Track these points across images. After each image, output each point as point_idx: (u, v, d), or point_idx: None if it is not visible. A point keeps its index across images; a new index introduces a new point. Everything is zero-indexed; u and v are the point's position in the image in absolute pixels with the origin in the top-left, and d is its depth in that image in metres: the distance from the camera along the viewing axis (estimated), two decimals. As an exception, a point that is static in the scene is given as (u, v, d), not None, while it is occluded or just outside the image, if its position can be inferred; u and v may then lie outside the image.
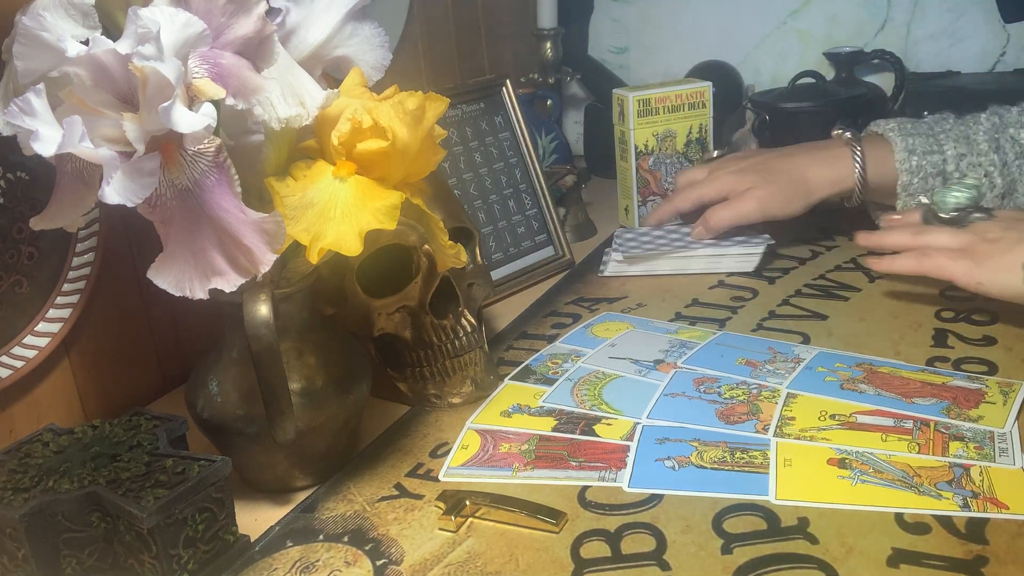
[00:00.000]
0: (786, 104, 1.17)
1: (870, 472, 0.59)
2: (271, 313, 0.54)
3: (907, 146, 0.90)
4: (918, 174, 0.89)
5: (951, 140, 0.89)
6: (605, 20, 1.47)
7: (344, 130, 0.56)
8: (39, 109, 0.46)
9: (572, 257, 1.04)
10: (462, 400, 0.73)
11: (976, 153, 0.88)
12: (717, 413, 0.68)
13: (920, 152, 0.89)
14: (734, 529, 0.55)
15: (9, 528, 0.52)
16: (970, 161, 0.88)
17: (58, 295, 0.71)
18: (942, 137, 0.90)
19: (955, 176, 0.88)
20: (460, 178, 0.98)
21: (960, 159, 0.88)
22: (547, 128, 1.28)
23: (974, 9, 1.23)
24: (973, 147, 0.88)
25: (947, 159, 0.88)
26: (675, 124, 1.09)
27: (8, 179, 0.67)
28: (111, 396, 0.78)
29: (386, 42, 0.62)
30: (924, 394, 0.67)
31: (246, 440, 0.61)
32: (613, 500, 0.59)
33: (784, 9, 1.34)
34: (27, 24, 0.47)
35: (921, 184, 0.89)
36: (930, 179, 0.89)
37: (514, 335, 0.86)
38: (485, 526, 0.58)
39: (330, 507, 0.62)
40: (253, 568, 0.56)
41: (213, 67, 0.48)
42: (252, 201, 0.52)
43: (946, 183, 0.88)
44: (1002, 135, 0.88)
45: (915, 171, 0.89)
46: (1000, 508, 0.54)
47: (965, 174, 0.87)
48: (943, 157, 0.88)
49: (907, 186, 0.89)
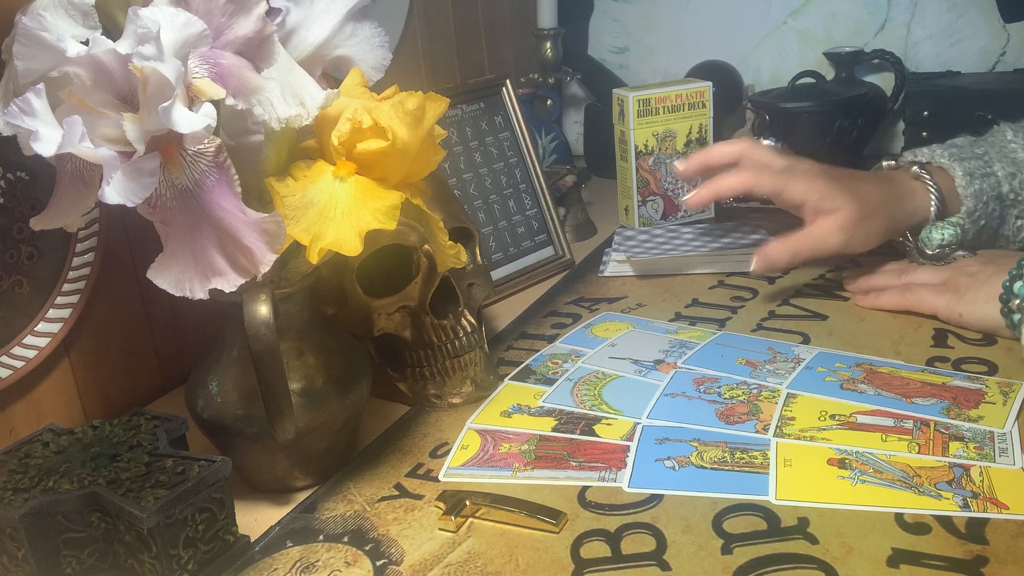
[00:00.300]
0: (786, 104, 1.17)
1: (870, 472, 0.59)
2: (271, 313, 0.54)
3: (966, 171, 0.84)
4: (981, 199, 0.84)
5: (996, 161, 0.85)
6: (605, 20, 1.47)
7: (344, 130, 0.56)
8: (39, 109, 0.46)
9: (572, 257, 1.04)
10: (462, 400, 0.73)
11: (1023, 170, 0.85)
12: (717, 413, 0.68)
13: (978, 175, 0.84)
14: (734, 529, 0.55)
15: (9, 528, 0.52)
16: (1021, 180, 0.84)
17: (58, 295, 0.71)
18: (988, 158, 0.86)
19: (1010, 198, 0.85)
20: (460, 178, 0.98)
21: (1012, 179, 0.85)
22: (547, 128, 1.28)
23: (974, 9, 1.23)
24: (1018, 165, 0.85)
25: (1000, 180, 0.84)
26: (675, 124, 1.09)
27: (8, 179, 0.67)
28: (111, 396, 0.78)
29: (386, 42, 0.62)
30: (924, 394, 0.67)
31: (246, 440, 0.61)
32: (613, 500, 0.59)
33: (784, 9, 1.34)
34: (27, 24, 0.47)
35: (983, 209, 0.83)
36: (991, 203, 0.84)
37: (514, 335, 0.86)
38: (485, 526, 0.58)
39: (330, 507, 0.62)
40: (253, 568, 0.56)
41: (213, 67, 0.48)
42: (252, 201, 0.53)
43: (1002, 205, 0.84)
44: None
45: (978, 196, 0.84)
46: (1000, 508, 0.54)
47: (1019, 194, 0.84)
48: (997, 179, 0.85)
49: (972, 212, 0.83)
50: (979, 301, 0.76)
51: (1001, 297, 0.71)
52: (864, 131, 1.20)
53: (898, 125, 1.28)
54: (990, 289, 0.74)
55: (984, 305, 0.75)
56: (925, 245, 0.85)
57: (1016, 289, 0.69)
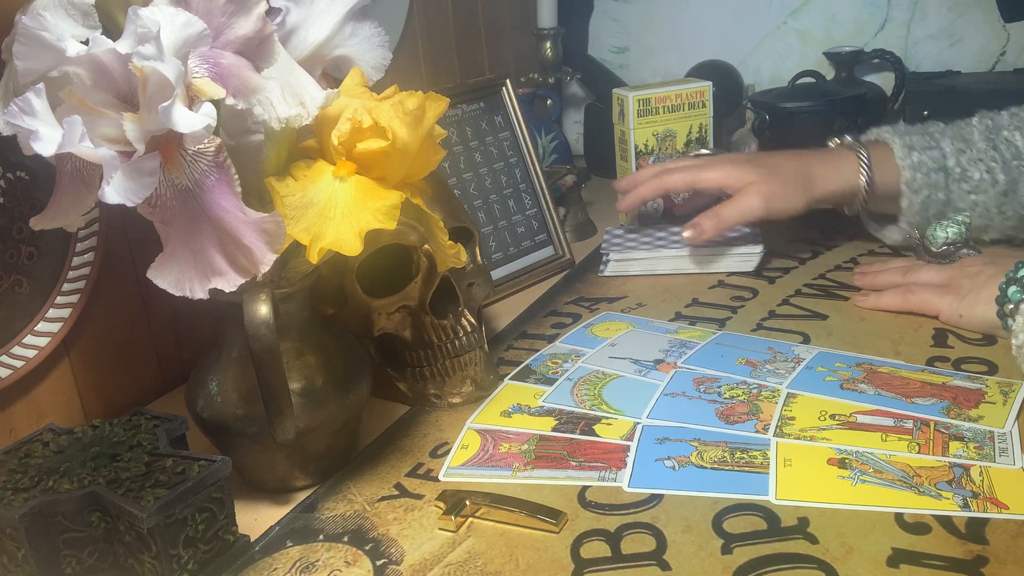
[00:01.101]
0: (786, 104, 1.17)
1: (870, 472, 0.59)
2: (271, 313, 0.54)
3: (905, 143, 0.90)
4: (920, 169, 0.89)
5: (947, 137, 0.90)
6: (605, 20, 1.47)
7: (344, 130, 0.56)
8: (39, 109, 0.46)
9: (572, 257, 1.04)
10: (462, 400, 0.73)
11: (975, 150, 0.89)
12: (717, 413, 0.68)
13: (919, 148, 0.89)
14: (734, 529, 0.55)
15: (9, 528, 0.52)
16: (970, 156, 0.88)
17: (58, 295, 0.71)
18: (937, 136, 0.91)
19: (956, 172, 0.88)
20: (460, 178, 0.98)
21: (960, 154, 0.88)
22: (547, 128, 1.28)
23: (974, 9, 1.23)
24: (971, 144, 0.89)
25: (946, 154, 0.89)
26: (675, 124, 1.09)
27: (8, 179, 0.67)
28: (111, 396, 0.78)
29: (386, 42, 0.62)
30: (924, 394, 0.67)
31: (246, 440, 0.61)
32: (613, 500, 0.59)
33: (784, 9, 1.34)
34: (27, 24, 0.47)
35: (924, 180, 0.88)
36: (933, 175, 0.88)
37: (514, 335, 0.86)
38: (485, 526, 0.58)
39: (330, 507, 0.62)
40: (253, 568, 0.56)
41: (213, 67, 0.48)
42: (252, 201, 0.52)
43: (948, 179, 0.88)
44: (996, 136, 0.89)
45: (917, 167, 0.89)
46: (1000, 508, 0.54)
47: (967, 169, 0.88)
48: (942, 152, 0.89)
49: (911, 182, 0.89)
50: (979, 303, 0.76)
51: (997, 300, 0.71)
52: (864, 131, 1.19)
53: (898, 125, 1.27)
54: (989, 291, 0.74)
55: (983, 307, 0.75)
56: (930, 243, 0.85)
57: (1010, 294, 0.69)
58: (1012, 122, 0.90)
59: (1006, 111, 0.91)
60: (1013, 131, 0.89)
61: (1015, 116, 0.90)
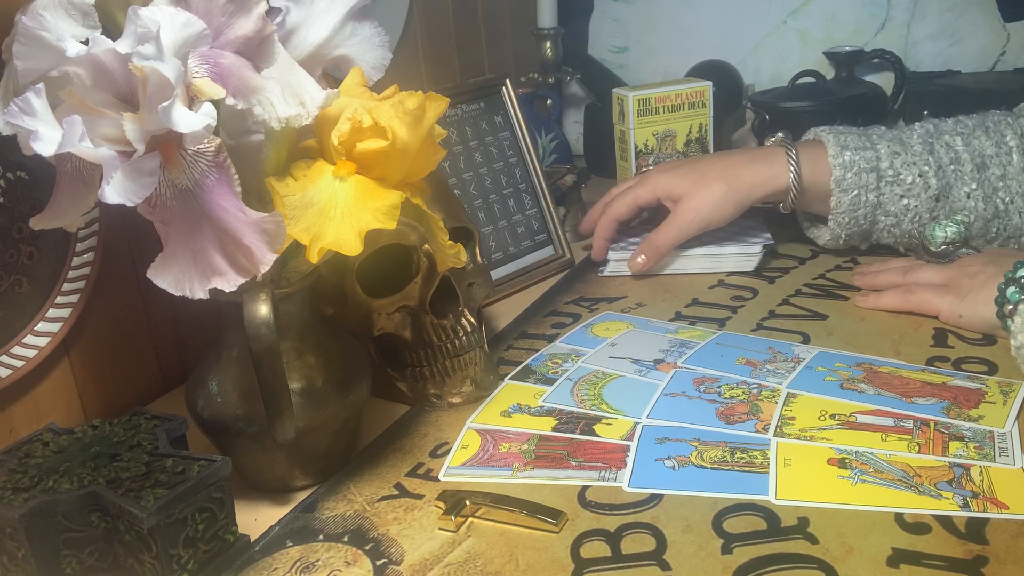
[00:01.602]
0: (786, 103, 1.17)
1: (870, 472, 0.59)
2: (271, 313, 0.54)
3: (839, 142, 0.90)
4: (851, 169, 0.89)
5: (884, 140, 0.90)
6: (605, 20, 1.47)
7: (344, 130, 0.56)
8: (39, 109, 0.46)
9: (572, 257, 1.04)
10: (462, 400, 0.73)
11: (911, 153, 0.89)
12: (717, 413, 0.68)
13: (852, 148, 0.89)
14: (734, 529, 0.55)
15: (9, 528, 0.52)
16: (904, 160, 0.88)
17: (58, 295, 0.71)
18: (875, 138, 0.91)
19: (889, 174, 0.89)
20: (460, 178, 0.98)
21: (894, 156, 0.89)
22: (547, 128, 1.28)
23: (974, 9, 1.23)
24: (907, 148, 0.89)
25: (880, 156, 0.89)
26: (675, 124, 1.09)
27: (8, 179, 0.67)
28: (111, 396, 0.78)
29: (386, 42, 0.62)
30: (924, 394, 0.67)
31: (246, 440, 0.61)
32: (613, 500, 0.59)
33: (784, 9, 1.34)
34: (27, 24, 0.47)
35: (855, 180, 0.89)
36: (864, 175, 0.89)
37: (514, 335, 0.86)
38: (485, 526, 0.58)
39: (330, 507, 0.62)
40: (253, 568, 0.56)
41: (213, 67, 0.48)
42: (252, 201, 0.52)
43: (880, 181, 0.89)
44: (936, 140, 0.89)
45: (848, 166, 0.89)
46: (1000, 508, 0.54)
47: (900, 172, 0.88)
48: (876, 154, 0.89)
49: (840, 181, 0.89)
50: (979, 303, 0.76)
51: (996, 300, 0.71)
52: (864, 130, 1.19)
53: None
54: (989, 292, 0.74)
55: (983, 307, 0.75)
56: (929, 243, 0.85)
57: (1010, 294, 0.69)
58: (956, 128, 0.90)
59: (952, 118, 0.92)
60: (955, 136, 0.89)
61: (959, 123, 0.91)
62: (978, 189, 0.87)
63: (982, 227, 0.88)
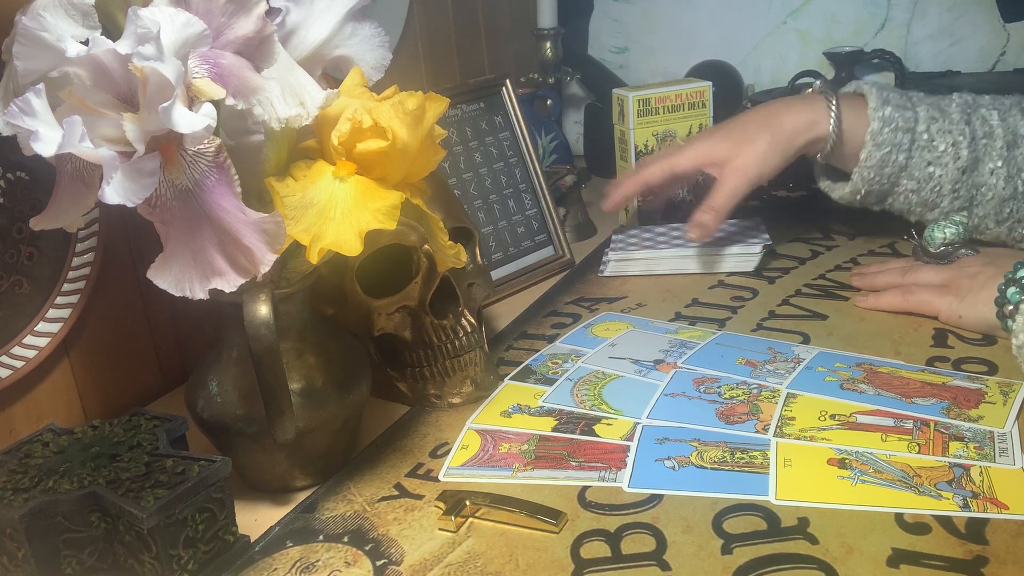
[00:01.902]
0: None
1: (870, 472, 0.59)
2: (271, 313, 0.54)
3: (881, 97, 0.88)
4: (889, 124, 0.87)
5: (924, 104, 0.89)
6: (605, 20, 1.47)
7: (344, 130, 0.56)
8: (39, 109, 0.46)
9: (572, 257, 1.04)
10: (462, 400, 0.73)
11: (948, 121, 0.87)
12: (717, 413, 0.68)
13: (894, 104, 0.88)
14: (734, 529, 0.55)
15: (9, 528, 0.52)
16: (940, 127, 0.87)
17: (58, 295, 0.71)
18: (915, 99, 0.89)
19: (923, 138, 0.87)
20: (460, 178, 0.98)
21: (932, 122, 0.87)
22: (547, 128, 1.28)
23: (974, 9, 1.23)
24: (945, 115, 0.88)
25: (919, 118, 0.87)
26: (675, 124, 1.09)
27: (8, 179, 0.67)
28: (111, 396, 0.78)
29: (386, 42, 0.62)
30: (924, 394, 0.67)
31: (246, 440, 0.61)
32: (613, 500, 0.59)
33: (784, 9, 1.34)
34: (27, 24, 0.47)
35: (890, 136, 0.87)
36: (899, 134, 0.87)
37: (514, 335, 0.86)
38: (485, 526, 0.58)
39: (330, 507, 0.62)
40: (253, 568, 0.56)
41: (213, 67, 0.48)
42: (252, 201, 0.52)
43: (913, 144, 0.87)
44: (974, 112, 0.88)
45: (887, 121, 0.87)
46: (1000, 508, 0.54)
47: (934, 138, 0.87)
48: (915, 115, 0.87)
49: (876, 135, 0.87)
50: (978, 304, 0.76)
51: (996, 301, 0.71)
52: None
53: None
54: (989, 292, 0.74)
55: (983, 308, 0.75)
56: (928, 243, 0.85)
57: (1010, 295, 0.69)
58: (992, 103, 0.89)
59: (989, 96, 0.90)
60: (991, 110, 0.87)
61: (996, 99, 0.89)
62: (1003, 167, 0.86)
63: (996, 207, 0.86)
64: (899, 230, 0.98)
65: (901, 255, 0.96)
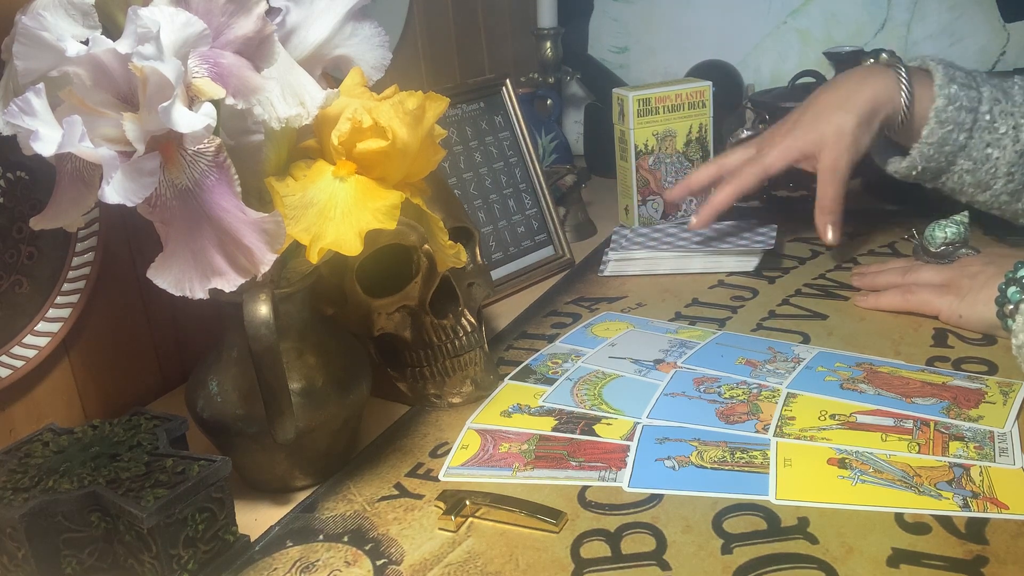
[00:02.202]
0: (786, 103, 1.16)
1: (870, 472, 0.59)
2: (271, 313, 0.54)
3: (948, 74, 0.88)
4: (954, 103, 0.86)
5: (988, 85, 0.88)
6: (605, 20, 1.47)
7: (344, 130, 0.56)
8: (39, 109, 0.46)
9: (572, 257, 1.04)
10: (462, 400, 0.73)
11: (1011, 103, 0.87)
12: (717, 413, 0.68)
13: (959, 83, 0.87)
14: (734, 529, 0.55)
15: (9, 528, 0.52)
16: (1003, 108, 0.87)
17: (58, 295, 0.71)
18: (979, 80, 0.88)
19: (985, 119, 0.86)
20: (460, 178, 0.98)
21: (995, 103, 0.87)
22: (547, 128, 1.28)
23: (974, 9, 1.23)
24: (1009, 97, 0.87)
25: (983, 99, 0.87)
26: (675, 124, 1.09)
27: (8, 179, 0.67)
28: (111, 396, 0.78)
29: (386, 42, 0.62)
30: (924, 394, 0.67)
31: (246, 440, 0.61)
32: (613, 500, 0.59)
33: (784, 9, 1.34)
34: (27, 24, 0.47)
35: (954, 115, 0.86)
36: (963, 112, 0.86)
37: (514, 335, 0.86)
38: (485, 526, 0.58)
39: (330, 507, 0.62)
40: (253, 568, 0.56)
41: (213, 67, 0.48)
42: (252, 201, 0.52)
43: (975, 124, 0.87)
44: None
45: (952, 99, 0.86)
46: (1000, 508, 0.54)
47: (995, 120, 0.86)
48: (979, 95, 0.87)
49: (940, 112, 0.86)
50: (978, 303, 0.76)
51: (997, 300, 0.71)
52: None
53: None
54: (989, 292, 0.74)
55: (983, 308, 0.75)
56: (929, 243, 0.85)
57: (1010, 294, 0.69)
58: None
59: None
60: None
61: None
62: None
63: None
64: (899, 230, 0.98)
65: (901, 255, 0.96)
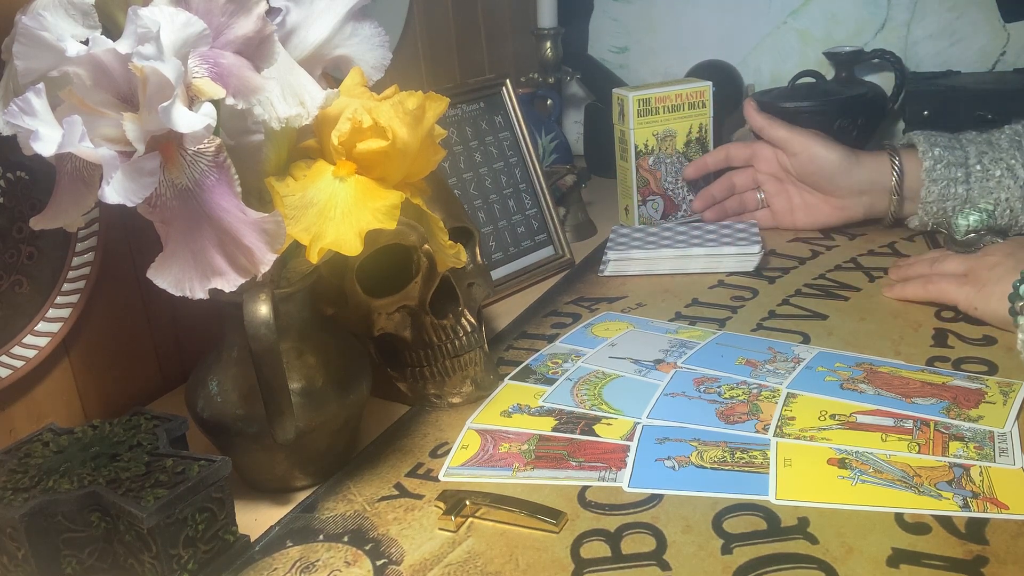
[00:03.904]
0: (786, 104, 1.17)
1: (870, 472, 0.59)
2: (271, 313, 0.54)
3: (930, 140, 0.96)
4: (940, 161, 0.94)
5: (973, 144, 0.95)
6: (605, 20, 1.47)
7: (344, 130, 0.56)
8: (39, 109, 0.46)
9: (572, 257, 1.04)
10: (462, 400, 0.73)
11: (998, 151, 0.92)
12: (717, 413, 0.68)
13: (942, 145, 0.95)
14: (734, 529, 0.55)
15: (9, 528, 0.52)
16: (992, 157, 0.92)
17: (58, 295, 0.71)
18: (965, 141, 0.95)
19: (977, 169, 0.92)
20: (460, 178, 0.98)
21: (982, 155, 0.93)
22: (547, 128, 1.28)
23: (974, 9, 1.23)
24: (995, 147, 0.93)
25: (969, 155, 0.93)
26: (675, 124, 1.09)
27: (8, 179, 0.67)
28: (111, 396, 0.78)
29: (386, 42, 0.62)
30: (924, 394, 0.67)
31: (246, 440, 0.61)
32: (613, 500, 0.59)
33: (784, 9, 1.34)
34: (27, 24, 0.47)
35: (944, 172, 0.94)
36: (953, 168, 0.93)
37: (514, 335, 0.86)
38: (485, 526, 0.58)
39: (330, 507, 0.62)
40: (253, 568, 0.56)
41: (213, 67, 0.48)
42: (252, 201, 0.52)
43: (969, 176, 0.92)
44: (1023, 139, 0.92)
45: (938, 159, 0.94)
46: (1000, 508, 0.54)
47: (988, 168, 0.92)
48: (965, 153, 0.93)
49: (930, 171, 0.94)
50: (993, 296, 0.76)
51: (1010, 296, 0.71)
52: (864, 131, 1.20)
53: (898, 125, 1.28)
54: (1004, 286, 0.74)
55: (997, 302, 0.75)
56: (955, 231, 0.87)
57: (1023, 292, 0.70)
58: None
59: None
60: None
61: None
62: None
63: None
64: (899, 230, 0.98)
65: (901, 255, 0.96)
